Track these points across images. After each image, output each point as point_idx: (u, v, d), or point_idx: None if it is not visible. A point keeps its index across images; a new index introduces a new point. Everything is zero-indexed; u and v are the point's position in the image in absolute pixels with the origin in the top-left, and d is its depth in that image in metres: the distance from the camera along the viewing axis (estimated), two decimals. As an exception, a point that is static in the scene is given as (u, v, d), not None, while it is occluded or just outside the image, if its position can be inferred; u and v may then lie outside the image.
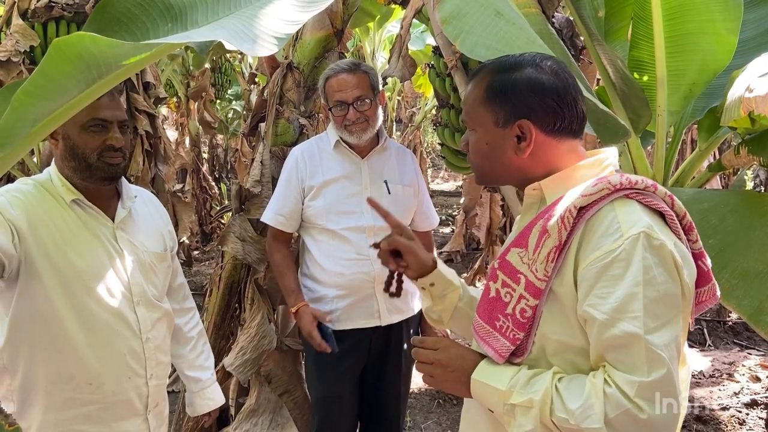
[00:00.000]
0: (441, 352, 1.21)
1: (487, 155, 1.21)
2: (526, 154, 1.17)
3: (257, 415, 2.56)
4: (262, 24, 1.00)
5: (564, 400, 1.04)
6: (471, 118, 1.23)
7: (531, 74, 1.16)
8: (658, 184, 1.12)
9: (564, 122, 1.16)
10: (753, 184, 7.60)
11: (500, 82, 1.18)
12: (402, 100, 12.14)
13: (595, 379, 1.03)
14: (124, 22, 1.08)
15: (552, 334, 1.10)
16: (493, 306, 1.17)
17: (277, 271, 2.38)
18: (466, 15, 1.81)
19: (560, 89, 1.15)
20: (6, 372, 1.56)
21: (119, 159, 1.60)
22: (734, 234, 1.67)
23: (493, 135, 1.19)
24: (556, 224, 1.08)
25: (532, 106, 1.15)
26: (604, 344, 1.03)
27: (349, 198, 2.25)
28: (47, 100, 0.89)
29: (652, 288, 1.01)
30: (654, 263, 1.02)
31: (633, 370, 1.00)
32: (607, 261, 1.03)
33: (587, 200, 1.08)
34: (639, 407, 0.98)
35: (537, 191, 1.20)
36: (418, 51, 6.71)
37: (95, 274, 1.57)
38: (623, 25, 2.35)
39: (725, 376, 4.18)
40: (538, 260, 1.10)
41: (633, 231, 1.03)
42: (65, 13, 3.15)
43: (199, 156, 8.00)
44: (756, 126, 1.86)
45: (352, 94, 2.18)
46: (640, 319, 0.99)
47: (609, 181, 1.08)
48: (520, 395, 1.08)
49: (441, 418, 3.70)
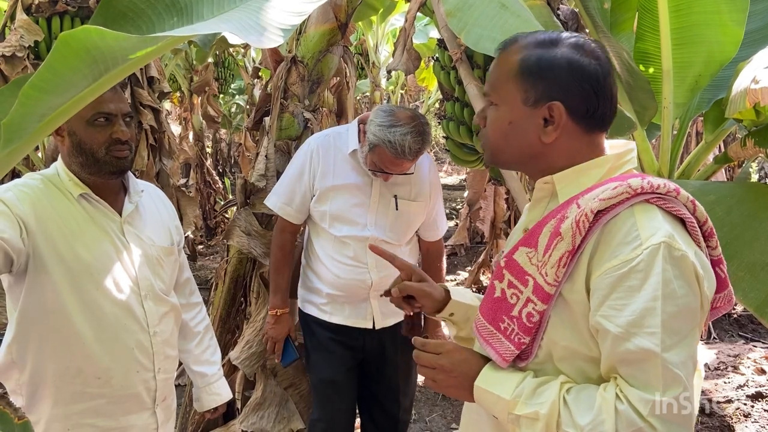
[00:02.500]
0: (444, 357, 1.15)
1: (507, 135, 1.12)
2: (551, 139, 1.08)
3: (263, 408, 2.57)
4: (268, 16, 1.00)
5: (572, 413, 0.98)
6: (496, 91, 1.13)
7: (571, 54, 1.07)
8: (680, 188, 1.05)
9: (597, 112, 1.08)
10: (758, 177, 7.58)
11: (537, 58, 1.08)
12: (405, 94, 12.12)
13: (606, 393, 0.98)
14: (129, 17, 1.08)
15: (560, 341, 1.05)
16: (498, 306, 1.12)
17: (275, 266, 2.40)
18: (471, 7, 1.80)
19: (600, 76, 1.07)
20: (15, 366, 1.57)
21: (126, 152, 1.60)
22: (740, 226, 1.67)
23: (518, 114, 1.09)
24: (571, 228, 1.01)
25: (569, 88, 1.06)
26: (617, 358, 0.97)
27: (355, 208, 2.23)
28: (55, 94, 0.89)
29: (672, 302, 0.95)
30: (674, 275, 0.96)
31: (647, 387, 0.94)
32: (624, 271, 0.97)
33: (605, 204, 1.00)
34: (652, 427, 0.93)
35: (549, 185, 1.13)
36: (422, 44, 6.69)
37: (103, 268, 1.58)
38: (629, 17, 2.34)
39: (730, 368, 4.17)
40: (548, 264, 1.03)
41: (653, 240, 0.97)
42: (69, 8, 3.16)
43: (202, 150, 8.00)
44: (761, 118, 1.85)
45: (400, 170, 2.17)
46: (657, 336, 0.94)
47: (629, 184, 1.01)
48: (525, 406, 1.02)
49: (446, 411, 3.71)
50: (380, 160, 2.12)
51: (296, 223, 2.35)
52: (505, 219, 5.09)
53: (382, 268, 2.23)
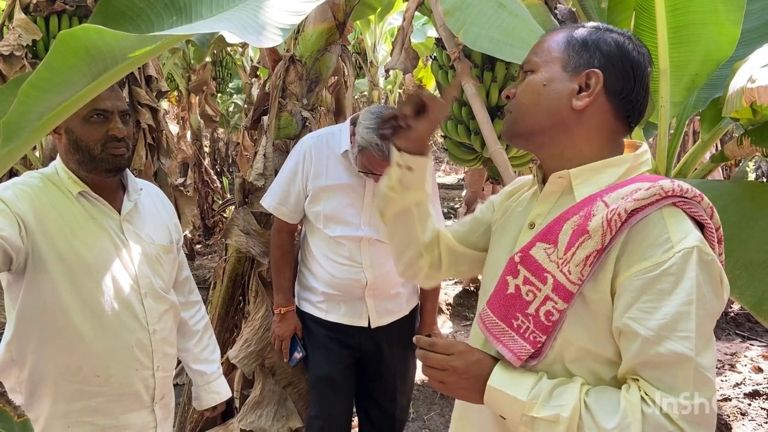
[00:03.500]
0: (457, 359, 1.09)
1: (539, 95, 1.10)
2: (583, 105, 1.07)
3: (262, 407, 2.58)
4: (267, 15, 1.00)
5: (595, 417, 0.96)
6: (538, 56, 1.13)
7: (621, 39, 1.10)
8: (704, 194, 1.05)
9: (630, 97, 1.09)
10: (755, 175, 7.59)
11: (587, 32, 1.11)
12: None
13: (630, 395, 0.96)
14: (129, 15, 1.08)
15: (576, 341, 1.03)
16: (511, 303, 1.08)
17: (275, 266, 2.41)
18: (468, 7, 1.81)
19: (642, 64, 1.09)
20: (14, 364, 1.57)
21: (123, 149, 1.61)
22: (737, 225, 1.67)
23: (556, 76, 1.10)
24: (601, 227, 0.99)
25: (611, 64, 1.07)
26: (643, 360, 0.96)
27: (348, 208, 2.24)
28: (54, 93, 0.89)
29: (702, 307, 0.95)
30: (704, 280, 0.96)
31: (674, 390, 0.94)
32: (656, 273, 0.96)
33: (638, 204, 0.99)
34: (681, 429, 0.92)
35: (563, 180, 1.11)
36: (419, 43, 6.70)
37: (102, 266, 1.58)
38: (626, 16, 2.35)
39: (727, 366, 4.19)
40: (572, 262, 1.01)
41: (686, 244, 0.96)
42: (67, 7, 3.16)
43: (200, 150, 8.00)
44: (758, 117, 1.86)
45: None
46: (691, 340, 0.93)
47: (662, 186, 1.00)
48: (544, 408, 0.99)
49: (444, 410, 3.72)
50: (369, 162, 2.11)
51: (292, 223, 2.36)
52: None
53: (377, 268, 2.24)
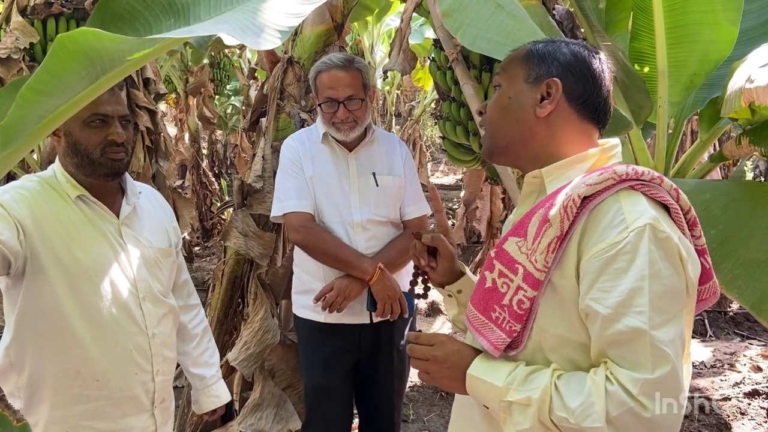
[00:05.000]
0: (437, 348, 1.18)
1: (505, 108, 1.19)
2: (546, 113, 1.14)
3: (261, 409, 2.57)
4: (265, 17, 1.00)
5: (564, 398, 1.00)
6: (504, 71, 1.22)
7: (576, 47, 1.17)
8: (664, 176, 1.10)
9: (590, 100, 1.15)
10: (753, 175, 7.60)
11: (544, 45, 1.19)
12: (401, 94, 12.13)
13: (597, 376, 1.00)
14: (127, 18, 1.08)
15: (550, 328, 1.07)
16: (489, 296, 1.14)
17: (330, 248, 2.20)
18: (466, 8, 1.81)
19: (596, 69, 1.15)
20: (13, 369, 1.56)
21: (122, 154, 1.60)
22: (736, 224, 1.67)
23: (519, 88, 1.17)
24: (558, 213, 1.04)
25: (568, 70, 1.14)
26: (607, 340, 0.99)
27: (337, 191, 2.24)
28: (52, 96, 0.89)
29: (658, 282, 0.98)
30: (660, 257, 0.99)
31: (636, 366, 0.96)
32: (612, 254, 1.00)
33: (592, 190, 1.04)
34: (642, 405, 0.95)
35: (537, 179, 1.17)
36: (417, 44, 6.70)
37: (101, 270, 1.58)
38: (624, 16, 2.35)
39: (726, 366, 4.19)
40: (537, 250, 1.06)
41: (638, 223, 1.00)
42: (64, 10, 3.16)
43: (198, 152, 8.00)
44: (756, 117, 1.86)
45: (343, 92, 2.14)
46: (645, 314, 0.96)
47: (614, 171, 1.05)
48: (517, 392, 1.05)
49: (443, 411, 3.72)
50: (321, 91, 2.17)
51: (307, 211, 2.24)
52: (502, 218, 5.10)
53: (374, 250, 2.24)
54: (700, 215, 1.16)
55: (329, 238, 2.21)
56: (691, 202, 1.14)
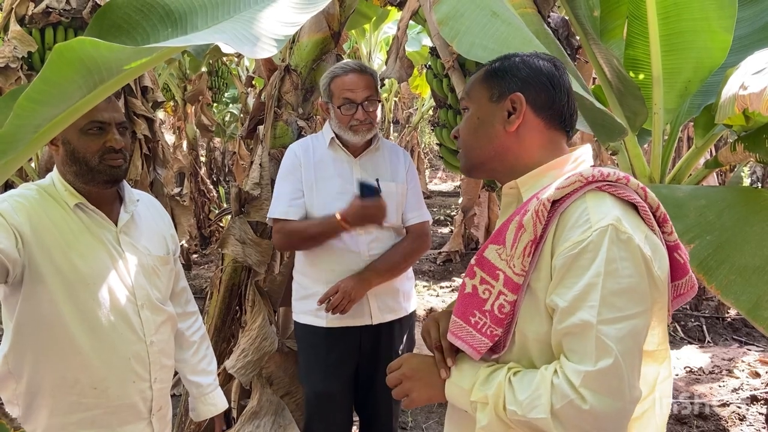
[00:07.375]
0: (404, 366, 1.24)
1: (476, 129, 1.24)
2: (514, 127, 1.18)
3: (259, 417, 2.57)
4: (261, 26, 1.01)
5: (515, 392, 1.04)
6: (468, 96, 1.27)
7: (528, 57, 1.23)
8: (630, 176, 1.14)
9: (555, 106, 1.19)
10: (750, 181, 7.63)
11: (500, 63, 1.24)
12: (399, 101, 12.16)
13: (546, 370, 1.04)
14: (124, 28, 1.08)
15: (530, 333, 1.10)
16: (468, 302, 1.16)
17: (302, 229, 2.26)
18: (462, 16, 1.82)
19: (554, 74, 1.20)
20: (11, 376, 1.56)
21: (120, 161, 1.61)
22: (732, 230, 1.68)
23: (485, 109, 1.22)
24: (531, 218, 1.08)
25: (527, 81, 1.19)
26: (562, 332, 1.03)
27: (341, 195, 2.25)
28: (49, 105, 0.90)
29: (613, 280, 1.01)
30: (619, 257, 1.02)
31: (582, 359, 0.99)
32: (576, 252, 1.04)
33: (560, 193, 1.09)
34: (582, 398, 0.97)
35: (514, 190, 1.21)
36: (414, 52, 6.74)
37: (99, 278, 1.58)
38: (618, 24, 2.37)
39: (725, 372, 4.19)
40: (515, 255, 1.09)
41: (602, 223, 1.04)
42: (63, 19, 3.17)
43: (196, 159, 8.00)
44: (751, 123, 1.87)
45: (362, 94, 2.21)
46: (595, 308, 1.00)
47: (581, 174, 1.10)
48: (478, 391, 1.09)
49: (442, 418, 3.68)
50: (340, 94, 2.21)
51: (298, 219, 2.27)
52: (500, 225, 5.10)
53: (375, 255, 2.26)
54: (695, 221, 1.17)
55: (298, 226, 2.27)
56: (687, 208, 1.15)
